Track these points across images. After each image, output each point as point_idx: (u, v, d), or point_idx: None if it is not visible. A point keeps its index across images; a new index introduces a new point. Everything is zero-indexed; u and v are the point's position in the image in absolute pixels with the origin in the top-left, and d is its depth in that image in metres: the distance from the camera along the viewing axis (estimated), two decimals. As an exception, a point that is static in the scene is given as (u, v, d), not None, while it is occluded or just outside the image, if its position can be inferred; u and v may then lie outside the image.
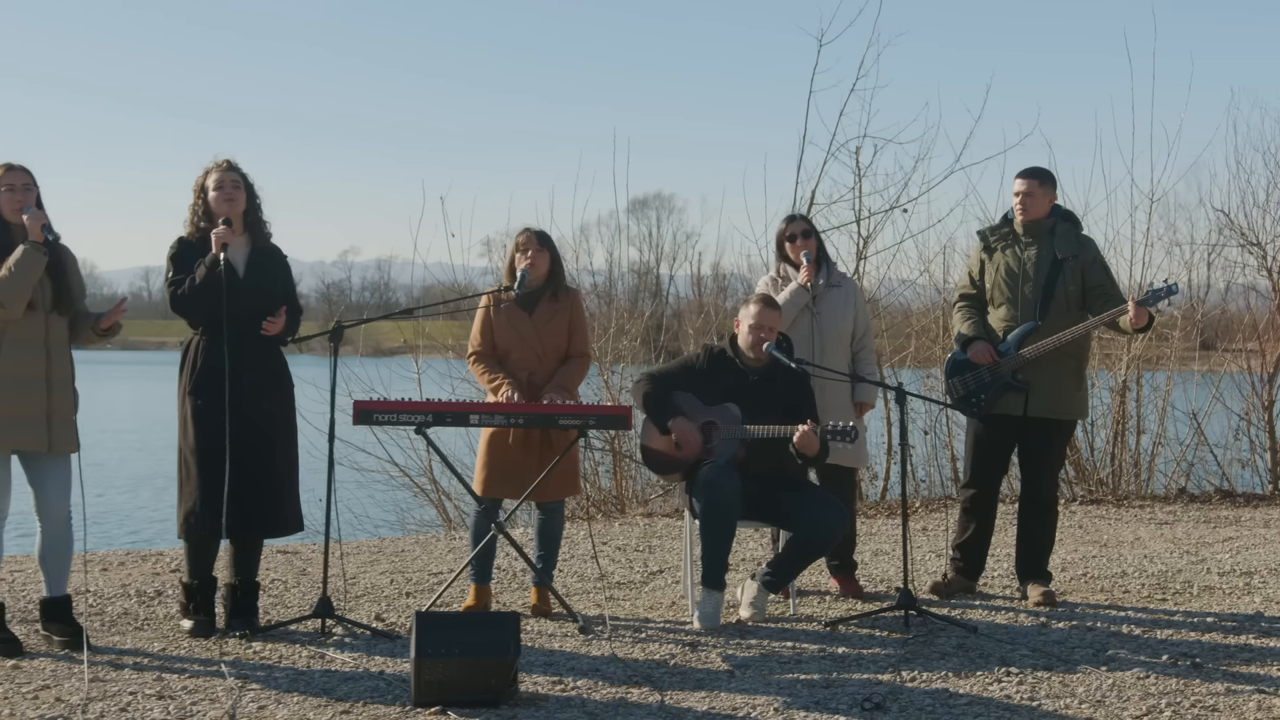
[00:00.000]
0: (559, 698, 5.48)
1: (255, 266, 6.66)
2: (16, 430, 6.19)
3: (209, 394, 6.51)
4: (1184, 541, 9.68)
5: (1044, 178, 7.53)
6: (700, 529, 6.84)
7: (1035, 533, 7.56)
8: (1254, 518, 11.00)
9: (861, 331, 7.68)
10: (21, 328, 6.19)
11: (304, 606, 7.33)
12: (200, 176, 6.73)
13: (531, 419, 6.78)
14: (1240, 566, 8.56)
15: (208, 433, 6.51)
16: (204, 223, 6.67)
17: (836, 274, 7.75)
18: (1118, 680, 5.69)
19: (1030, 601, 7.37)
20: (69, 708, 5.28)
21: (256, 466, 6.53)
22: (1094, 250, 7.59)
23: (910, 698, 5.46)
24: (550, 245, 7.23)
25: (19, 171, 6.29)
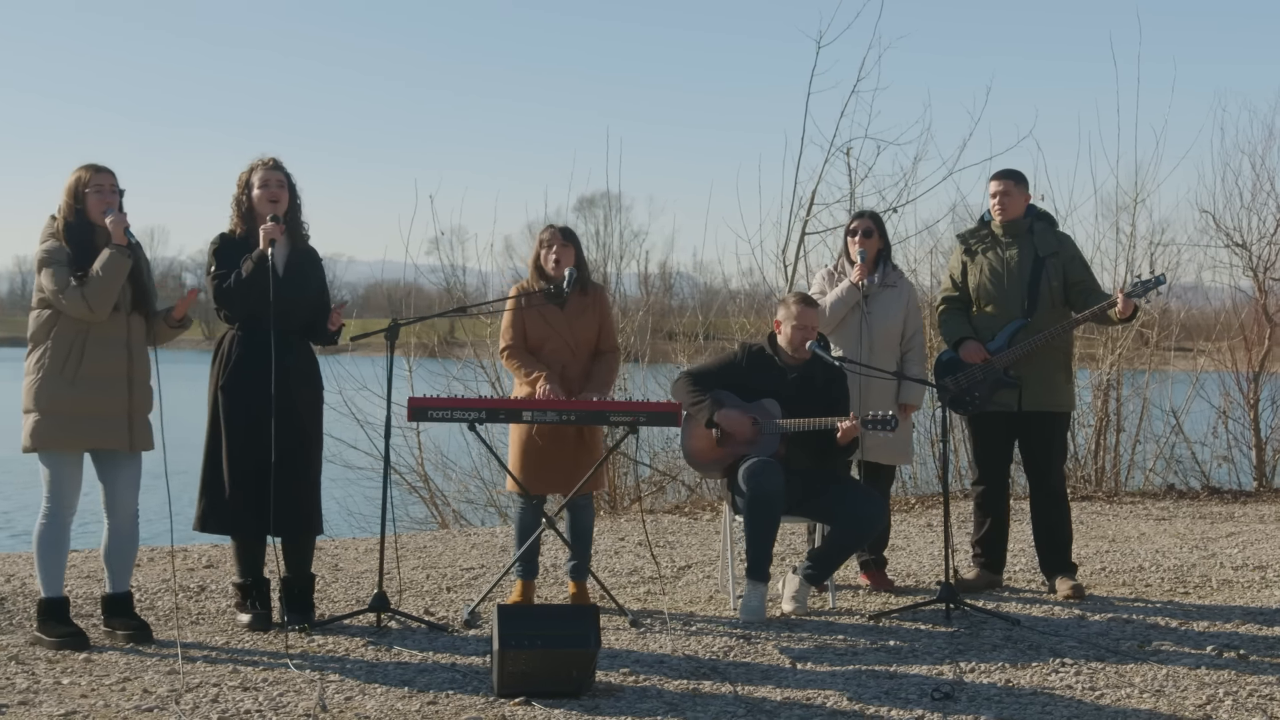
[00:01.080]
0: (635, 688, 5.61)
1: (294, 266, 6.74)
2: (100, 430, 6.26)
3: (241, 390, 6.59)
4: (1188, 537, 9.90)
5: (1018, 178, 7.77)
6: (745, 523, 6.99)
7: (1053, 526, 7.74)
8: (1247, 513, 11.24)
9: (912, 332, 7.81)
10: (105, 328, 6.26)
11: (347, 600, 7.43)
12: (245, 172, 6.80)
13: (583, 416, 6.89)
14: (1251, 561, 8.78)
15: (238, 429, 6.59)
16: (248, 220, 6.75)
17: (893, 274, 7.87)
18: (1171, 671, 5.87)
19: (1059, 594, 7.55)
20: (160, 699, 5.36)
21: (287, 464, 6.60)
22: (1072, 247, 7.84)
23: (974, 689, 5.62)
24: (575, 240, 7.35)
25: (106, 173, 6.36)
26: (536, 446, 7.11)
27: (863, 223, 7.87)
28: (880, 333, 7.67)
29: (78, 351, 6.23)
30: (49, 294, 6.25)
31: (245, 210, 6.75)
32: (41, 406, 6.22)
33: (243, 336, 6.64)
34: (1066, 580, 7.62)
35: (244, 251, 6.65)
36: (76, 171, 6.36)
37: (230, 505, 6.59)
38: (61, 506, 6.29)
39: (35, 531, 6.32)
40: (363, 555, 9.03)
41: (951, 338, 7.71)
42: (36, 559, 6.34)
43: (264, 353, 6.55)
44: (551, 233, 7.28)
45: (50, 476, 6.27)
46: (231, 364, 6.62)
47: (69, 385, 6.21)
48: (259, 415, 6.53)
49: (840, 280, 7.80)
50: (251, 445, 6.55)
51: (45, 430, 6.22)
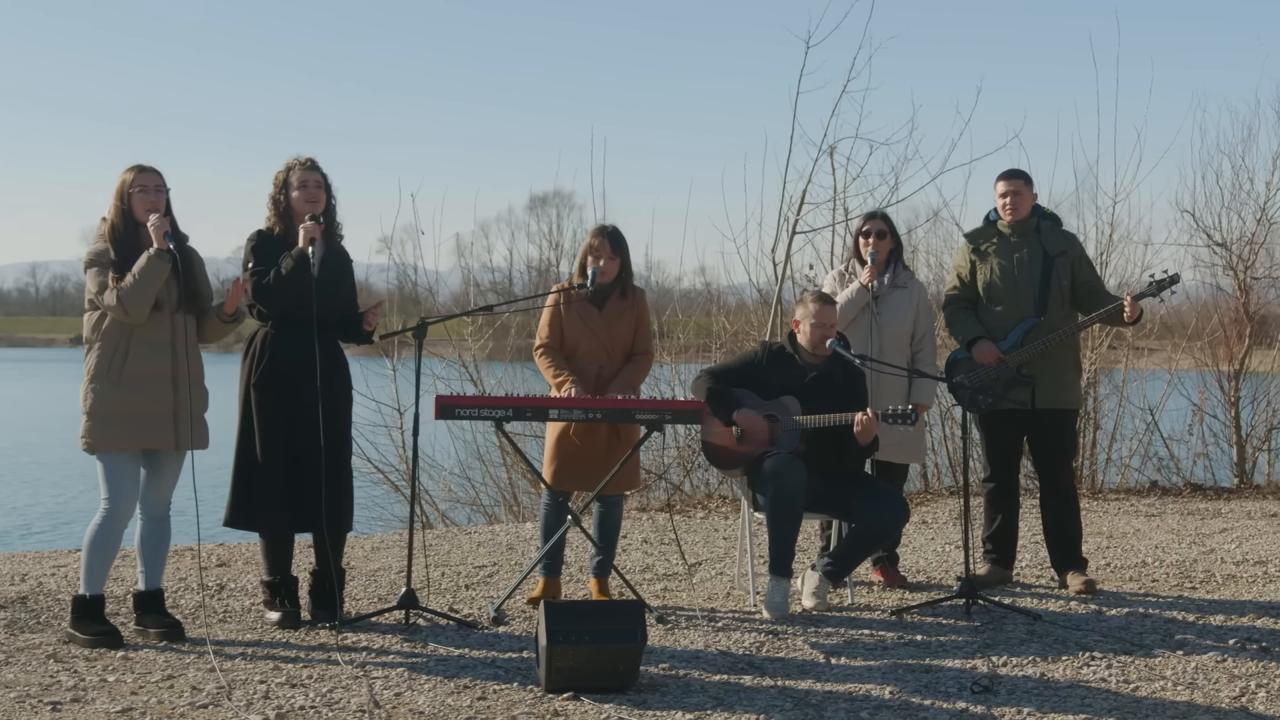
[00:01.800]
0: (678, 682, 5.68)
1: (329, 266, 6.78)
2: (145, 429, 6.30)
3: (275, 389, 6.63)
4: (1183, 533, 10.05)
5: (1026, 178, 7.89)
6: (768, 520, 7.06)
7: (1063, 523, 7.85)
8: (1234, 509, 11.41)
9: (922, 333, 7.90)
10: (148, 329, 6.29)
11: (368, 598, 7.46)
12: (281, 171, 6.84)
13: (609, 414, 6.95)
14: (1250, 556, 8.93)
15: (271, 426, 6.63)
16: (285, 218, 6.78)
17: (903, 275, 7.96)
18: (1199, 663, 5.98)
19: (1071, 590, 7.67)
20: (211, 696, 5.40)
21: (320, 462, 6.64)
22: (1079, 246, 7.98)
23: (1011, 682, 5.72)
24: (622, 244, 7.41)
25: (151, 173, 6.39)
26: (571, 444, 7.17)
27: (875, 224, 7.94)
28: (890, 333, 7.76)
29: (122, 352, 6.27)
30: (91, 296, 6.32)
31: (283, 209, 6.79)
32: (91, 408, 6.27)
33: (275, 334, 6.68)
34: (1078, 576, 7.73)
35: (281, 249, 6.69)
36: (123, 173, 6.40)
37: (263, 502, 6.62)
38: (120, 507, 6.33)
39: (90, 529, 6.35)
40: (371, 554, 9.06)
41: (965, 337, 7.80)
42: (85, 555, 6.37)
43: (296, 350, 6.62)
44: (600, 238, 7.32)
45: (107, 476, 6.32)
46: (264, 361, 6.65)
47: (114, 386, 6.26)
48: (292, 412, 6.57)
49: (851, 281, 7.88)
50: (285, 442, 6.59)
51: (97, 431, 6.28)
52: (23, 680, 5.64)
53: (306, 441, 6.58)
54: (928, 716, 5.23)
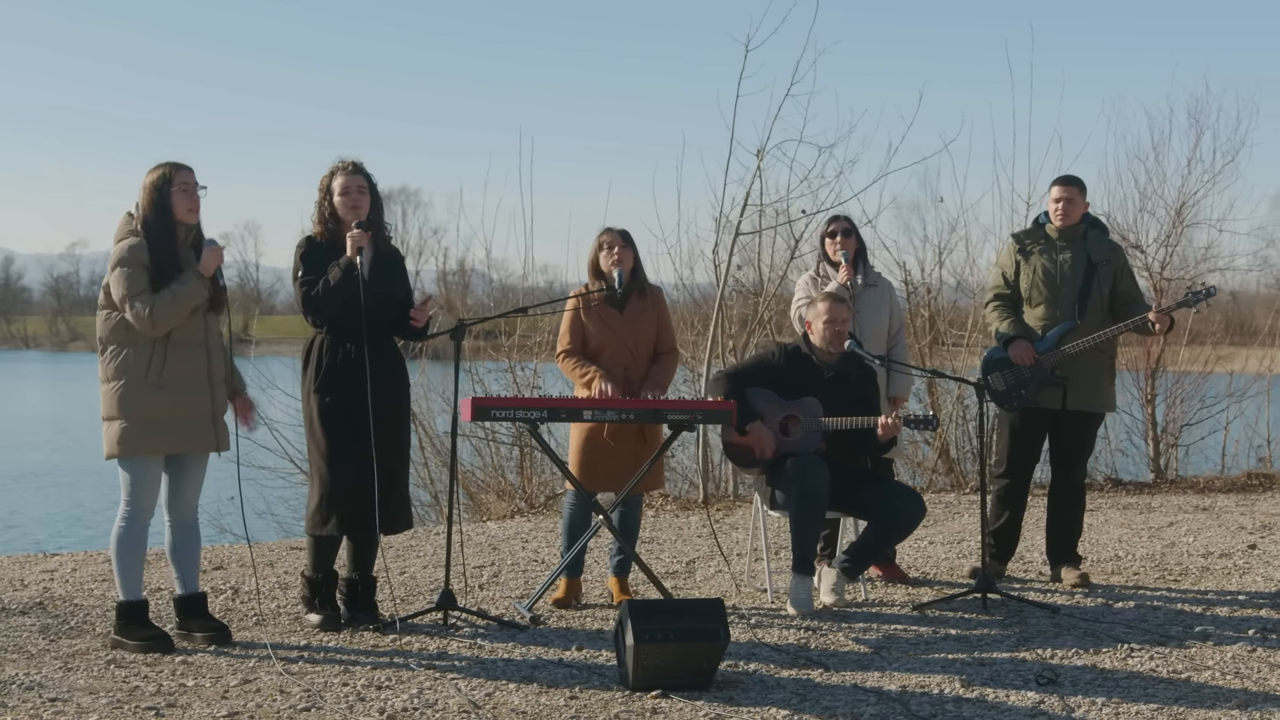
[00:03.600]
0: (754, 678, 5.81)
1: (379, 269, 6.78)
2: (186, 432, 6.24)
3: (336, 393, 6.62)
4: (1135, 526, 10.40)
5: (1081, 185, 8.12)
6: (791, 519, 7.20)
7: (1068, 518, 8.12)
8: (1165, 503, 11.82)
9: (896, 329, 8.12)
10: (184, 331, 6.22)
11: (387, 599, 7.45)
12: (325, 176, 6.82)
13: (641, 414, 7.06)
14: (1210, 548, 9.29)
15: (337, 431, 6.62)
16: (331, 224, 6.76)
17: (873, 274, 8.16)
18: (1235, 654, 6.25)
19: (1066, 583, 7.93)
20: (306, 698, 5.40)
21: (384, 464, 6.65)
22: (1123, 256, 8.24)
23: (1068, 673, 5.93)
24: (633, 243, 7.51)
25: (188, 170, 6.30)
26: (602, 445, 7.25)
27: (840, 224, 8.12)
28: (869, 331, 7.93)
29: (160, 355, 6.18)
30: (118, 297, 6.16)
31: (328, 215, 6.76)
32: (128, 413, 6.17)
33: (331, 342, 6.65)
34: (1073, 570, 8.01)
35: (329, 256, 6.67)
36: (159, 168, 6.28)
37: (336, 505, 6.60)
38: (141, 510, 6.27)
39: (114, 535, 6.27)
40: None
41: (1003, 336, 8.00)
42: (115, 562, 6.30)
43: (354, 356, 6.61)
44: (611, 235, 7.41)
45: (131, 481, 6.24)
46: (324, 369, 6.63)
47: (155, 389, 6.17)
48: (355, 416, 6.56)
49: (824, 284, 8.04)
50: (350, 445, 6.58)
51: (133, 436, 6.18)
52: (102, 686, 5.58)
53: (365, 445, 6.57)
54: (1009, 708, 5.42)
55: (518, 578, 8.24)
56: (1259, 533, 10.04)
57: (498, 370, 13.71)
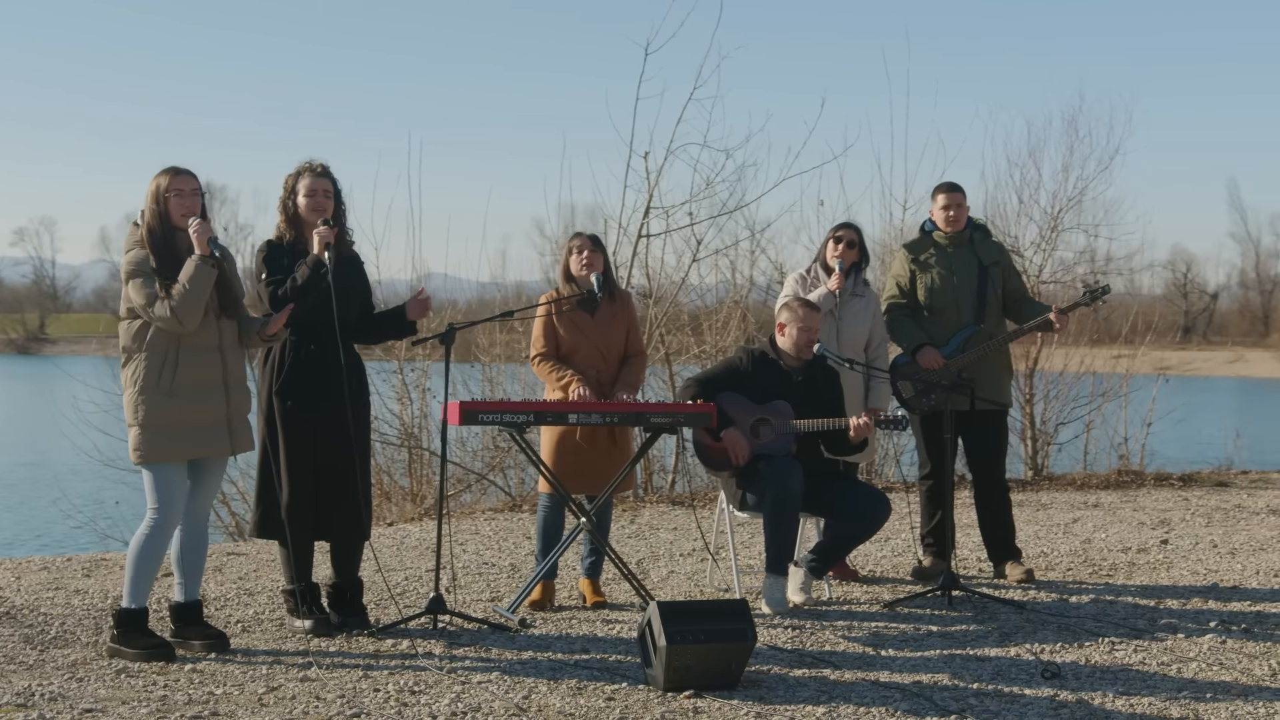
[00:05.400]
0: (772, 677, 5.93)
1: (341, 272, 6.74)
2: (201, 437, 6.18)
3: (297, 396, 6.59)
4: (1042, 523, 10.76)
5: (963, 191, 8.47)
6: (766, 520, 7.33)
7: (999, 515, 8.41)
8: (1055, 500, 12.24)
9: (878, 341, 8.30)
10: (196, 336, 6.16)
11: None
12: (291, 175, 6.79)
13: (625, 417, 7.16)
14: (1125, 544, 9.69)
15: (298, 435, 6.59)
16: (295, 224, 6.75)
17: (862, 285, 8.33)
18: (1210, 645, 6.56)
19: (1011, 579, 8.21)
20: (351, 704, 5.37)
21: (347, 468, 6.63)
22: (1009, 256, 8.63)
23: (1064, 668, 6.16)
24: (603, 248, 7.61)
25: (186, 176, 6.24)
26: (577, 448, 7.31)
27: (848, 233, 8.26)
28: (849, 339, 8.11)
29: (172, 362, 6.13)
30: (139, 308, 6.14)
31: (292, 215, 6.73)
32: (143, 420, 6.11)
33: (295, 341, 6.61)
34: (1017, 566, 8.29)
35: (293, 257, 6.66)
36: (157, 177, 6.24)
37: (291, 510, 6.56)
38: (169, 518, 6.20)
39: (137, 539, 6.20)
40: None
41: (909, 344, 8.25)
42: (131, 567, 6.20)
43: (317, 357, 6.62)
44: (582, 240, 7.50)
45: (157, 485, 6.17)
46: (286, 370, 6.59)
47: (167, 396, 6.12)
48: (316, 420, 6.55)
49: (813, 285, 8.20)
50: (310, 450, 6.54)
51: (150, 443, 6.13)
52: (129, 696, 5.51)
53: (330, 449, 6.55)
54: (1029, 701, 5.62)
55: (474, 579, 8.24)
56: (1161, 528, 10.47)
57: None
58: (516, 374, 14.66)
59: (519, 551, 9.43)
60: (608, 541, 7.58)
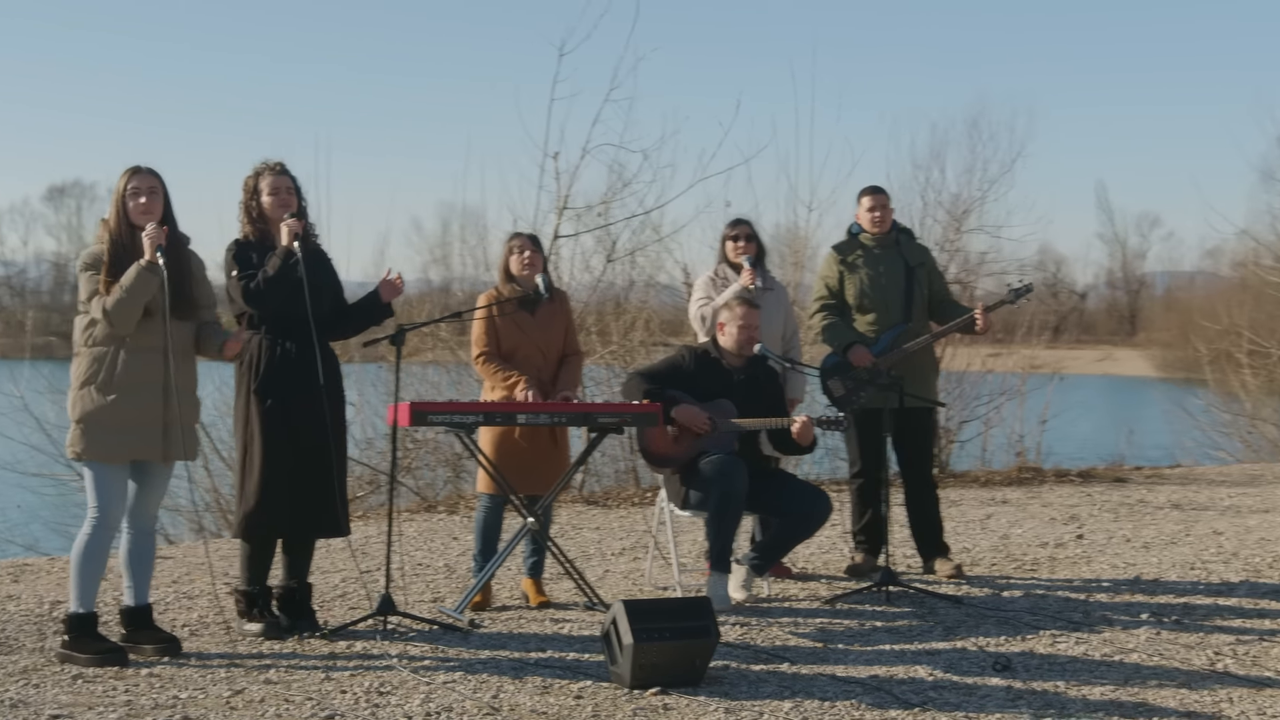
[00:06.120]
0: (737, 673, 6.01)
1: (309, 266, 6.72)
2: (134, 439, 6.14)
3: (277, 394, 6.56)
4: (954, 519, 10.95)
5: (887, 194, 8.66)
6: (710, 518, 7.41)
7: (928, 512, 8.57)
8: (965, 497, 12.48)
9: (790, 333, 8.44)
10: (140, 337, 6.12)
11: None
12: (250, 177, 6.76)
13: (573, 418, 7.22)
14: (1043, 539, 9.92)
15: (278, 433, 6.55)
16: (260, 224, 6.71)
17: (770, 278, 8.45)
18: (1146, 637, 6.74)
19: (940, 574, 8.37)
20: (323, 707, 5.36)
21: (323, 467, 6.62)
22: (933, 258, 8.85)
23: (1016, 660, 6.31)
24: (541, 248, 7.66)
25: (146, 174, 6.20)
26: (519, 448, 7.33)
27: (743, 229, 8.39)
28: (768, 334, 8.21)
29: (112, 360, 6.09)
30: (80, 302, 6.14)
31: (256, 215, 6.69)
32: (80, 416, 6.08)
33: (269, 340, 6.57)
34: (947, 562, 8.46)
35: (261, 253, 6.62)
36: (120, 176, 6.20)
37: (272, 510, 6.51)
38: (109, 520, 6.13)
39: (79, 542, 6.12)
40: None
41: (841, 343, 8.37)
42: (75, 570, 6.13)
43: (293, 353, 6.57)
44: (522, 240, 7.55)
45: (96, 485, 6.11)
46: (262, 368, 6.54)
47: (102, 393, 6.07)
48: (295, 417, 6.51)
49: (723, 286, 8.30)
50: (290, 448, 6.51)
51: (86, 439, 6.09)
52: (93, 702, 5.45)
53: (309, 445, 6.53)
54: (987, 691, 5.76)
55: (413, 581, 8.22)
56: (1073, 523, 10.72)
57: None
58: (425, 374, 14.63)
59: (449, 552, 9.43)
60: (552, 541, 7.60)
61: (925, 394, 8.45)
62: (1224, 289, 32.61)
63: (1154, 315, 63.66)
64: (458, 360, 14.58)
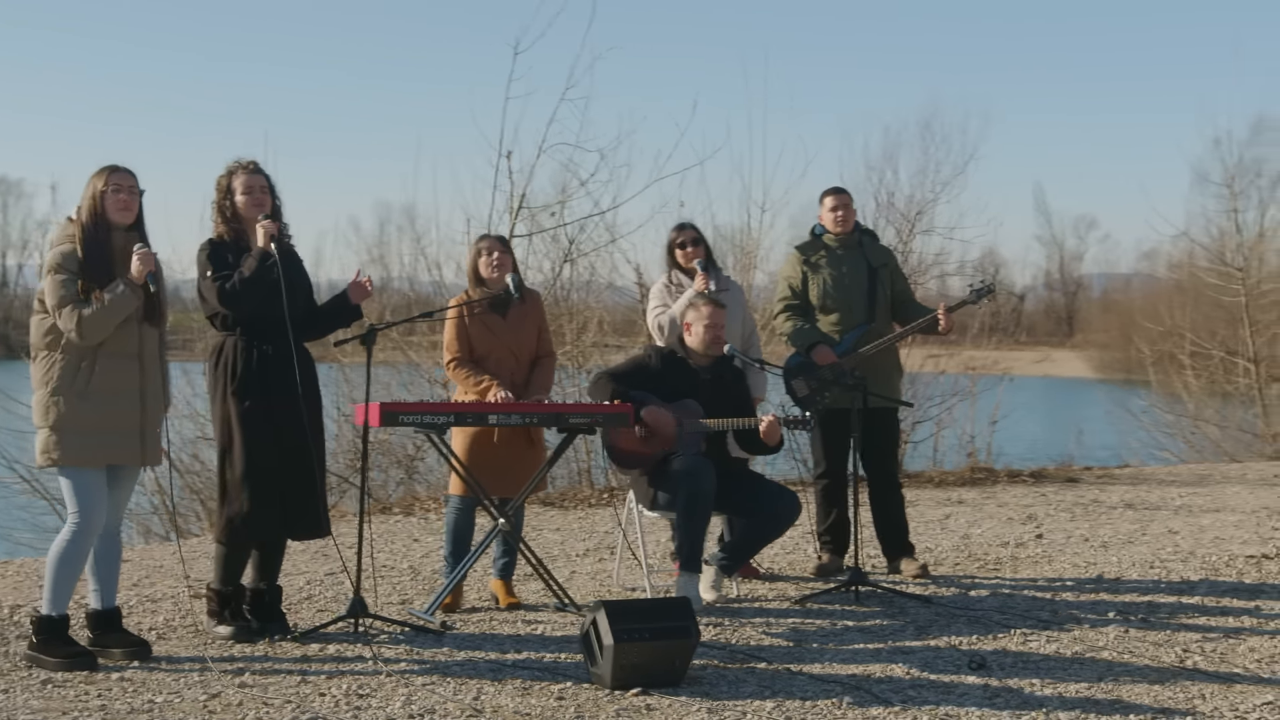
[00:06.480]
0: (715, 673, 6.02)
1: (284, 267, 6.67)
2: (114, 444, 6.08)
3: (255, 396, 6.50)
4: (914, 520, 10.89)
5: (849, 194, 8.72)
6: (679, 519, 7.39)
7: (893, 512, 8.59)
8: (921, 497, 12.51)
9: (749, 332, 8.46)
10: (116, 342, 6.06)
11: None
12: (223, 176, 6.70)
13: (545, 418, 7.20)
14: (1003, 538, 9.98)
15: (258, 435, 6.50)
16: (234, 224, 6.65)
17: (724, 278, 8.46)
18: (1115, 635, 6.78)
19: (906, 574, 8.39)
20: (299, 709, 5.31)
21: (304, 466, 6.58)
22: (895, 259, 8.90)
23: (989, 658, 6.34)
24: (510, 250, 7.63)
25: (125, 173, 6.14)
26: (493, 449, 7.30)
27: (688, 233, 8.41)
28: (728, 333, 8.22)
29: (89, 365, 6.01)
30: (50, 305, 6.02)
31: (230, 215, 6.63)
32: (55, 422, 5.98)
33: (244, 341, 6.52)
34: (912, 561, 8.48)
35: (236, 254, 6.56)
36: (98, 173, 6.16)
37: (256, 512, 6.45)
38: (91, 525, 6.07)
39: (57, 546, 6.05)
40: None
41: (805, 343, 8.40)
42: (51, 574, 6.06)
43: (269, 354, 6.52)
44: (490, 242, 7.53)
45: (76, 491, 6.04)
46: (239, 370, 6.48)
47: (81, 399, 6.00)
48: (276, 418, 6.46)
49: (678, 292, 8.29)
50: (270, 449, 6.45)
51: (62, 446, 6.01)
52: (65, 707, 5.39)
53: (289, 446, 6.49)
54: (965, 689, 5.79)
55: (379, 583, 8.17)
56: (1030, 523, 10.80)
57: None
58: (376, 375, 14.53)
59: (412, 554, 9.38)
60: (524, 542, 7.57)
61: (889, 394, 8.48)
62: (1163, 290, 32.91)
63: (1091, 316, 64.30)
64: (408, 360, 14.53)
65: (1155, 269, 38.54)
